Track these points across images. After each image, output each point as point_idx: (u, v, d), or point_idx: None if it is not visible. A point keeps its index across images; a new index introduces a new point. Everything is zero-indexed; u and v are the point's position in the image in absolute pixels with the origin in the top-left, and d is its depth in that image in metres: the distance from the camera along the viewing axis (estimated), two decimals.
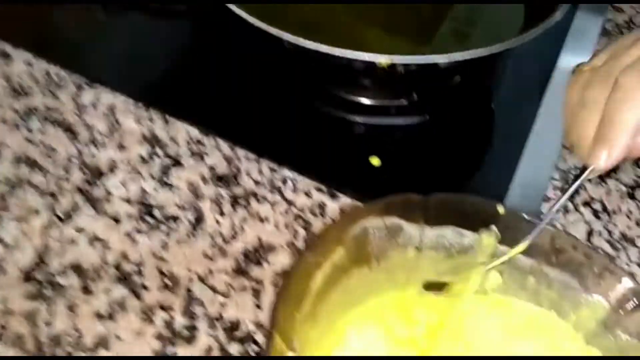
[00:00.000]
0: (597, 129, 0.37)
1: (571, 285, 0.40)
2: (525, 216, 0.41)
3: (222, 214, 0.48)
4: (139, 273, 0.44)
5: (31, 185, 0.48)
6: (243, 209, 0.48)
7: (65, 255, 0.44)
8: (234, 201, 0.49)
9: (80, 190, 0.48)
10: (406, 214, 0.41)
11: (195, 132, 0.53)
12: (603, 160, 0.37)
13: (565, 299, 0.41)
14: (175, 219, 0.47)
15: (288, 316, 0.34)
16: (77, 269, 0.44)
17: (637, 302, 0.38)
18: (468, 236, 0.41)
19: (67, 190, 0.48)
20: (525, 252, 0.40)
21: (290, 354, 0.33)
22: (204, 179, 0.50)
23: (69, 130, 0.52)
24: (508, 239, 0.40)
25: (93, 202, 0.48)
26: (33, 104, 0.54)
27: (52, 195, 0.48)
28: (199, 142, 0.53)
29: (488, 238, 0.41)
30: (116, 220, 0.47)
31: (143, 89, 0.56)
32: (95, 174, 0.49)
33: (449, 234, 0.41)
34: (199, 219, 0.47)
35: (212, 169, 0.51)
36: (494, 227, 0.40)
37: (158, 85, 0.58)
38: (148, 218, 0.47)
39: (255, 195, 0.49)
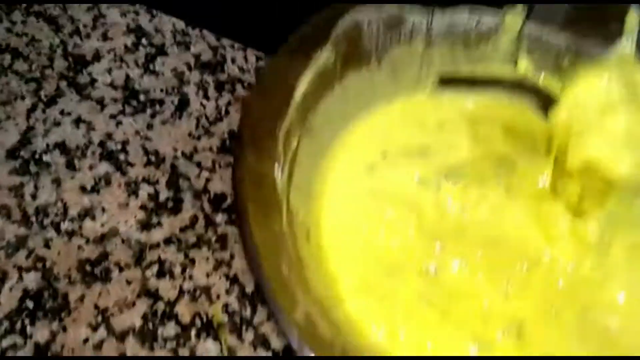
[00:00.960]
0: None
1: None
2: None
3: (207, 97, 0.47)
4: (124, 151, 0.44)
5: (15, 72, 0.48)
6: (228, 94, 0.48)
7: (50, 135, 0.44)
8: (219, 86, 0.48)
9: (64, 77, 0.48)
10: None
11: (181, 24, 0.53)
12: None
13: None
14: (160, 102, 0.47)
15: (265, 129, 0.30)
16: (62, 147, 0.44)
17: None
18: (487, 17, 0.35)
19: (51, 77, 0.48)
20: (561, 29, 0.34)
21: (274, 167, 0.30)
22: (189, 66, 0.49)
23: (52, 22, 0.51)
24: (538, 13, 0.34)
25: (78, 88, 0.47)
26: None
27: (36, 81, 0.47)
28: (184, 33, 0.52)
29: (513, 16, 0.35)
30: (101, 103, 0.46)
31: None
32: (80, 62, 0.49)
33: (463, 18, 0.35)
34: (184, 102, 0.47)
35: (197, 57, 0.50)
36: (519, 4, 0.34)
37: None
38: (133, 102, 0.47)
39: (240, 81, 0.49)
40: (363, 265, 0.35)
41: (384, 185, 0.36)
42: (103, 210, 0.41)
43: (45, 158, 0.43)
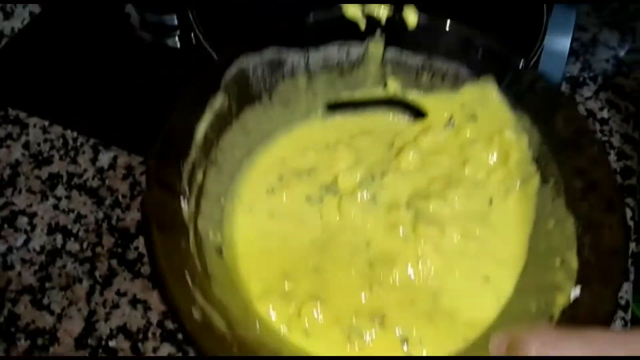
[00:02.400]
0: None
1: (461, 74, 0.43)
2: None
3: None
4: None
5: (68, 253, 0.52)
6: None
7: (112, 319, 0.49)
8: None
9: (114, 254, 0.52)
10: (285, 42, 0.41)
11: None
12: None
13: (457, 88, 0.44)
14: None
15: (170, 169, 0.36)
16: (124, 331, 0.48)
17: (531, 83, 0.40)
18: (354, 49, 0.42)
19: (102, 255, 0.52)
20: (413, 50, 0.43)
21: (182, 201, 0.36)
22: None
23: (94, 194, 0.56)
24: (394, 39, 0.42)
25: (128, 265, 0.52)
26: (55, 171, 0.57)
27: (89, 261, 0.52)
28: None
29: (375, 44, 0.42)
30: (152, 280, 0.51)
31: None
32: (125, 236, 0.54)
33: (334, 51, 0.42)
34: None
35: None
36: (378, 32, 0.41)
37: None
38: None
39: None
40: (266, 271, 0.43)
41: (280, 205, 0.45)
42: None
43: (111, 344, 0.48)
